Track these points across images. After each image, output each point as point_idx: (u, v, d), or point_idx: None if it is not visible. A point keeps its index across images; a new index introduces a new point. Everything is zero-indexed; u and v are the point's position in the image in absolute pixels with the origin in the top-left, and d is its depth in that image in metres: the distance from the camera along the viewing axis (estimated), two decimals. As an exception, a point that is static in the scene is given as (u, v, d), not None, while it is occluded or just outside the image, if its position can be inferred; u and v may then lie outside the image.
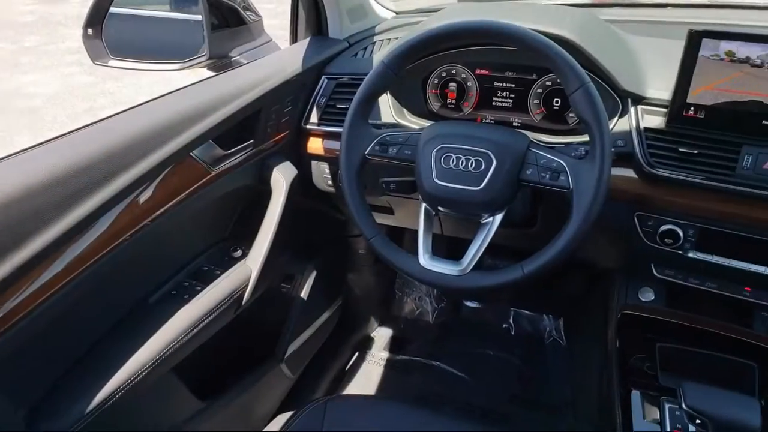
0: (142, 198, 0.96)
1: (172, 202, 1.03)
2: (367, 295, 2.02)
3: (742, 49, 0.93)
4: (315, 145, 1.36)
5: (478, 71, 1.23)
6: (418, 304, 2.18)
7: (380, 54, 1.36)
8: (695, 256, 1.09)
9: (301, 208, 1.40)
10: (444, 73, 1.26)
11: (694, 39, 0.95)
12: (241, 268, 1.22)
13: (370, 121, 1.09)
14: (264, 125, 1.23)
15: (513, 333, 2.06)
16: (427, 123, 1.11)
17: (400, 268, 1.05)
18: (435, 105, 1.29)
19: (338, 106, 1.30)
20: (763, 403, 1.00)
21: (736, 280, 1.10)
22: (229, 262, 1.24)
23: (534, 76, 1.18)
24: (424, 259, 1.02)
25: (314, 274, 1.60)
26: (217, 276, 1.18)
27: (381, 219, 1.49)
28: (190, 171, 1.07)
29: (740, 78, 0.95)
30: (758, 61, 0.93)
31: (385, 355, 1.99)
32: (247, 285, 1.21)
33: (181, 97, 1.06)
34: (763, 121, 0.96)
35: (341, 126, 1.07)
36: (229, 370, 1.42)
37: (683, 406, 0.90)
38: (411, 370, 1.93)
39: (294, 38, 1.45)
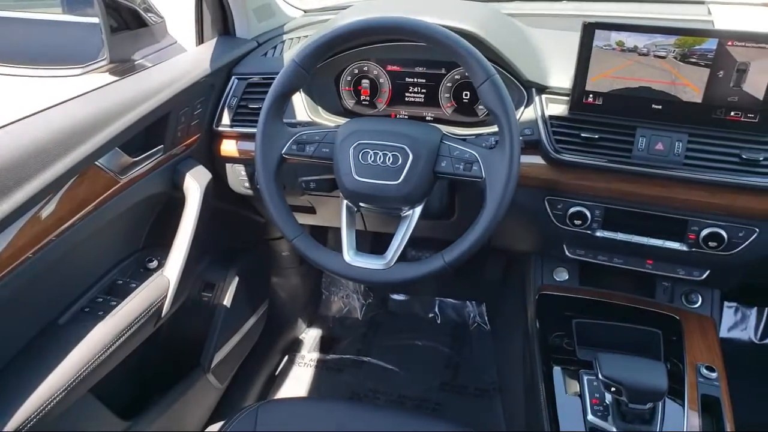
0: (45, 212, 0.90)
1: (78, 215, 0.97)
2: (293, 298, 2.00)
3: (630, 39, 1.00)
4: (229, 147, 1.32)
5: (390, 67, 1.25)
6: (346, 302, 2.18)
7: (290, 53, 1.34)
8: (602, 235, 1.16)
9: (218, 212, 1.36)
10: (356, 70, 1.27)
11: (588, 30, 1.01)
12: (157, 280, 1.17)
13: (285, 121, 1.07)
14: (173, 129, 1.19)
15: (439, 322, 2.10)
16: (342, 120, 1.11)
17: (325, 267, 1.05)
18: (349, 102, 1.29)
19: (250, 106, 1.28)
20: (668, 366, 1.08)
21: (639, 254, 1.18)
22: (145, 274, 1.19)
23: (443, 71, 1.22)
24: (349, 256, 1.02)
25: (236, 280, 1.56)
26: (133, 289, 1.13)
27: (303, 219, 1.48)
28: (97, 181, 1.02)
29: (631, 66, 1.02)
30: (645, 50, 1.00)
31: (316, 355, 1.98)
32: (165, 296, 1.17)
33: (82, 104, 1.00)
34: (653, 106, 1.04)
35: (255, 126, 1.05)
36: (154, 386, 1.36)
37: (599, 376, 0.95)
38: (342, 369, 1.93)
39: (200, 39, 1.41)
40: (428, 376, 1.87)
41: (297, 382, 1.88)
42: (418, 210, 1.02)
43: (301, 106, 1.24)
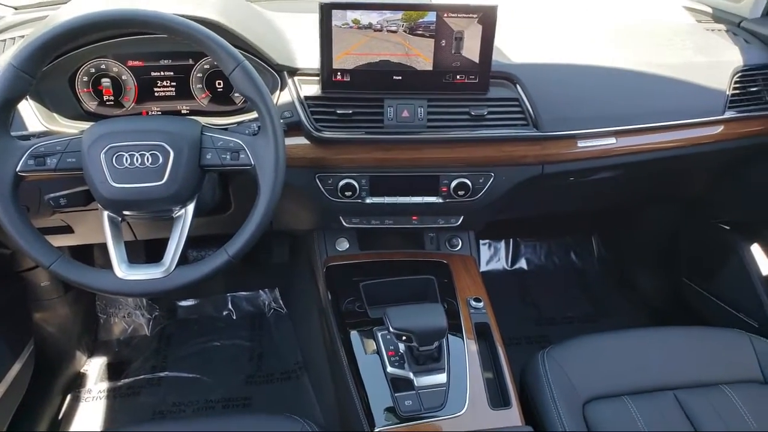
0: None
1: None
2: (64, 330, 1.78)
3: (364, 17, 1.07)
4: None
5: (131, 63, 1.16)
6: (129, 321, 2.01)
7: (5, 56, 1.16)
8: (372, 201, 1.25)
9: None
10: (93, 69, 1.15)
11: (325, 10, 1.06)
12: None
13: (13, 134, 0.94)
14: None
15: (235, 317, 2.07)
16: (86, 125, 1.00)
17: (96, 288, 0.96)
18: (91, 104, 1.17)
19: None
20: (445, 306, 1.22)
21: (405, 213, 1.31)
22: None
23: (191, 62, 1.17)
24: (122, 270, 0.95)
25: (-14, 326, 1.34)
26: None
27: (59, 241, 1.32)
28: None
29: (370, 42, 1.10)
30: (378, 26, 1.08)
31: (105, 385, 1.80)
32: None
33: None
34: (394, 77, 1.14)
35: None
36: None
37: (390, 329, 1.04)
38: (138, 391, 1.79)
39: None
40: (233, 374, 1.84)
41: (88, 418, 1.69)
42: (191, 208, 0.99)
43: (32, 114, 1.09)
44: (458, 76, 1.14)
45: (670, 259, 1.99)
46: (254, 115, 1.12)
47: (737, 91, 1.36)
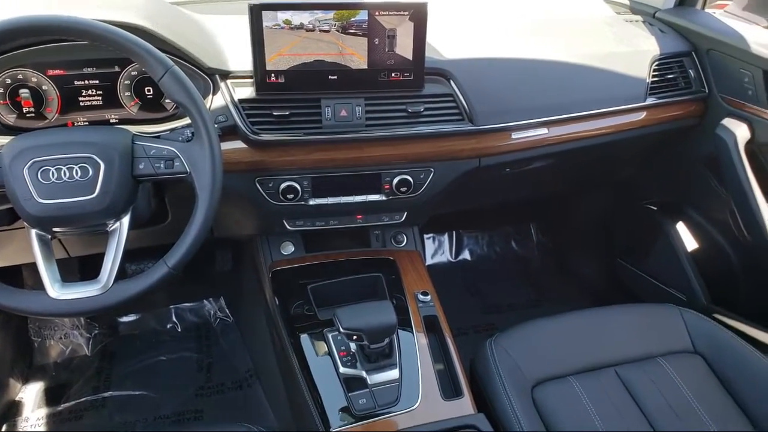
0: None
1: None
2: (-5, 358, 1.68)
3: (295, 17, 1.07)
4: None
5: (51, 72, 1.10)
6: (67, 342, 1.92)
7: None
8: (315, 203, 1.24)
9: None
10: (9, 80, 1.09)
11: (255, 12, 1.05)
12: None
13: None
14: None
15: (180, 330, 2.01)
16: (5, 140, 0.95)
17: (26, 311, 0.91)
18: (9, 118, 1.11)
19: None
20: (394, 302, 1.24)
21: (349, 212, 1.31)
22: None
23: (117, 69, 1.12)
24: (55, 290, 0.90)
25: None
26: None
27: (-17, 263, 1.25)
28: None
29: (302, 42, 1.10)
30: (310, 26, 1.08)
31: (43, 412, 1.71)
32: None
33: None
34: (329, 77, 1.13)
35: None
36: None
37: (341, 330, 1.04)
38: (81, 414, 1.71)
39: None
40: (182, 388, 1.79)
41: (28, 449, 1.61)
42: (126, 220, 0.95)
43: None
44: (393, 74, 1.15)
45: (605, 241, 2.08)
46: (187, 121, 1.09)
47: (656, 79, 1.44)
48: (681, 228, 1.71)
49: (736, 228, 1.53)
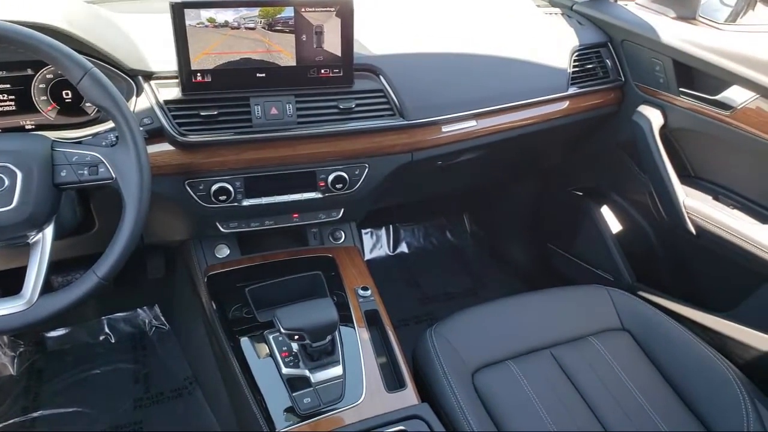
0: None
1: None
2: None
3: (219, 15, 1.04)
4: None
5: (-45, 76, 1.03)
6: (-11, 362, 1.81)
7: None
8: (249, 203, 1.22)
9: None
10: None
11: (177, 10, 1.01)
12: None
13: None
14: None
15: (114, 341, 1.93)
16: None
17: (-58, 331, 0.85)
18: None
19: None
20: (335, 299, 1.24)
21: (285, 211, 1.29)
22: None
23: (30, 72, 1.06)
24: (-27, 308, 0.85)
25: None
26: None
27: None
28: None
29: (228, 40, 1.07)
30: (235, 24, 1.06)
31: (-34, 438, 1.61)
32: None
33: None
34: (258, 75, 1.12)
35: None
36: None
37: (282, 330, 1.04)
38: (9, 438, 1.62)
39: None
40: (118, 400, 1.72)
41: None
42: (50, 231, 0.91)
43: None
44: (323, 70, 1.15)
45: (534, 227, 2.16)
46: (110, 125, 1.05)
47: (576, 69, 1.50)
48: (606, 212, 1.80)
49: (654, 210, 1.63)
